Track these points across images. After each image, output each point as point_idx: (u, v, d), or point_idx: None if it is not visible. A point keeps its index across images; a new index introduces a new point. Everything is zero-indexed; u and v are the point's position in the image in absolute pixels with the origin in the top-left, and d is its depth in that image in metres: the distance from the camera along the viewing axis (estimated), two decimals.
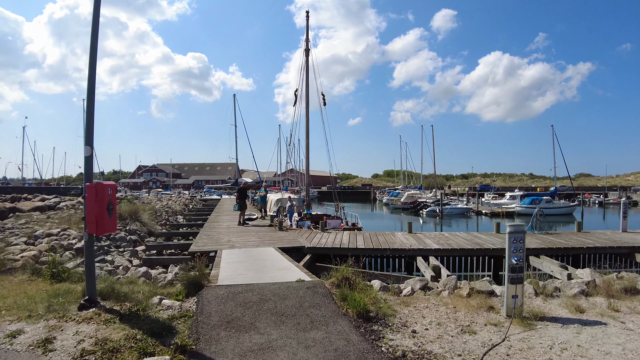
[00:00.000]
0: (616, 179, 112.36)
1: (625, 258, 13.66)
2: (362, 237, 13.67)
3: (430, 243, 12.79)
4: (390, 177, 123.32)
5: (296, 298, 5.50)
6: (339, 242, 12.58)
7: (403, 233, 15.07)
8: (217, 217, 22.15)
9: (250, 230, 15.48)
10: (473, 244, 12.79)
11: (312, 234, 14.28)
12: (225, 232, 14.79)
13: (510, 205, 45.49)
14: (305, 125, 20.62)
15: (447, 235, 14.85)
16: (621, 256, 13.56)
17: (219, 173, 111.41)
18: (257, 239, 13.14)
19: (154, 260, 12.31)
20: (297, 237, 13.42)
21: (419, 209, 45.63)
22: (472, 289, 6.53)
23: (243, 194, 17.41)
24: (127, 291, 6.19)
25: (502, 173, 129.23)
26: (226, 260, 9.07)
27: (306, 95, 20.80)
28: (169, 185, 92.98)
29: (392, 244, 12.54)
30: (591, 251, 13.00)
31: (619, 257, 13.79)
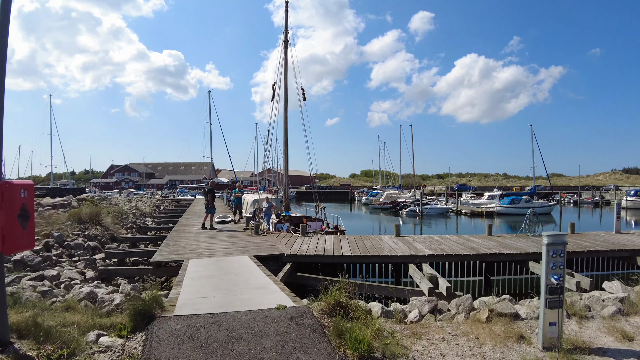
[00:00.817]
0: (587, 178, 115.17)
1: (625, 261, 12.89)
2: (347, 242, 12.41)
3: (422, 248, 11.64)
4: (368, 177, 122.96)
5: (277, 335, 4.14)
6: (322, 248, 11.27)
7: (390, 237, 13.89)
8: (188, 219, 20.52)
9: (223, 235, 14.00)
10: (467, 249, 11.72)
11: (291, 239, 12.93)
12: (195, 238, 13.27)
13: (489, 205, 45.16)
14: (284, 120, 19.27)
15: (438, 238, 13.75)
16: (622, 259, 12.77)
17: (194, 173, 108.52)
18: (231, 245, 11.69)
19: (112, 271, 10.77)
20: (276, 243, 12.04)
21: (399, 209, 44.80)
22: (492, 312, 5.33)
23: (212, 194, 15.86)
24: (56, 324, 4.72)
25: (477, 173, 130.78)
26: (192, 274, 7.63)
27: (285, 89, 19.46)
28: (142, 185, 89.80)
29: (380, 249, 11.32)
30: (592, 255, 12.14)
31: (619, 260, 13.02)
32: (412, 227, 34.74)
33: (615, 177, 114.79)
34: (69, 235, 13.66)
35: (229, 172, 64.78)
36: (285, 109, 19.18)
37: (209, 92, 54.77)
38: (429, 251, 11.21)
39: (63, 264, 10.60)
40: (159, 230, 20.14)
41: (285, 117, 19.20)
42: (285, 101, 19.25)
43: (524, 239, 13.87)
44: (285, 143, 19.60)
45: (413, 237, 14.23)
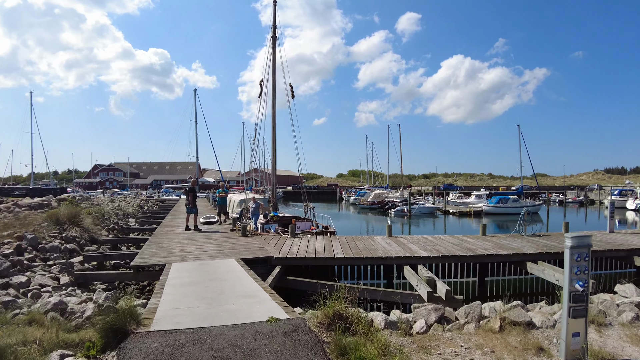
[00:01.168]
0: (570, 178, 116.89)
1: (622, 261, 12.65)
2: (339, 243, 11.89)
3: (417, 249, 11.19)
4: (356, 177, 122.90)
5: (270, 355, 3.57)
6: (314, 250, 10.73)
7: (383, 237, 13.42)
8: (172, 220, 19.78)
9: (208, 236, 13.35)
10: (464, 250, 11.31)
11: (280, 240, 12.35)
12: (179, 239, 12.61)
13: (477, 205, 45.15)
14: (272, 117, 18.68)
15: (432, 239, 13.33)
16: (619, 259, 12.53)
17: (179, 172, 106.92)
18: (216, 247, 11.06)
19: (90, 276, 10.08)
20: (264, 245, 11.45)
21: (387, 209, 44.50)
22: (504, 320, 4.86)
23: (194, 194, 15.14)
24: (14, 343, 4.10)
25: (463, 173, 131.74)
26: (174, 280, 7.02)
27: (273, 85, 18.88)
28: (127, 185, 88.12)
29: (374, 251, 10.83)
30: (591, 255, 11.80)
31: (616, 260, 12.78)
32: (401, 227, 34.45)
33: (597, 177, 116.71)
34: (44, 238, 12.88)
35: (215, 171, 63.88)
36: (273, 106, 18.63)
37: (194, 90, 53.82)
38: (424, 252, 10.75)
39: (35, 269, 9.86)
40: (142, 231, 19.39)
41: (273, 114, 18.64)
42: (273, 98, 18.68)
43: (519, 239, 13.53)
44: (273, 141, 19.04)
45: (406, 237, 13.78)
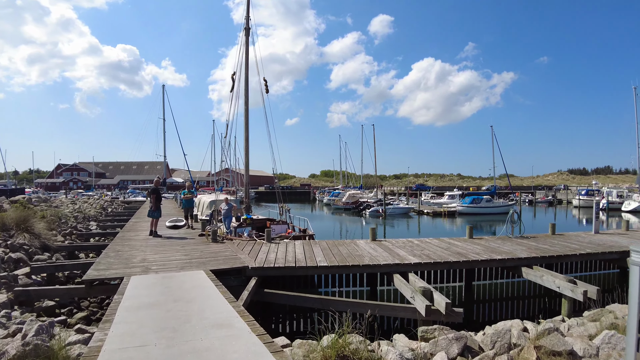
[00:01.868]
0: (537, 179, 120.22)
1: (614, 264, 12.22)
2: (320, 249, 10.86)
3: (406, 255, 10.31)
4: (328, 177, 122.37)
5: None
6: (293, 258, 9.64)
7: (367, 242, 12.49)
8: (136, 224, 18.24)
9: (174, 243, 12.03)
10: (455, 254, 10.53)
11: (255, 247, 11.20)
12: (142, 247, 11.26)
13: (450, 205, 45.12)
14: (245, 113, 17.43)
15: (418, 242, 12.52)
16: (610, 262, 12.08)
17: (147, 172, 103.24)
18: (183, 256, 9.80)
19: (34, 292, 8.66)
20: (237, 252, 10.27)
21: (362, 210, 43.84)
22: (540, 350, 3.95)
23: (157, 195, 13.74)
24: None
25: (433, 174, 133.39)
26: (130, 300, 5.80)
27: (245, 78, 17.64)
28: (92, 186, 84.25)
29: (360, 258, 9.85)
30: (583, 258, 11.30)
31: (608, 262, 12.33)
32: (381, 228, 33.87)
33: (562, 178, 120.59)
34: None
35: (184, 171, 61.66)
36: (246, 100, 17.37)
37: (162, 86, 51.47)
38: (415, 259, 9.86)
39: None
40: (103, 236, 17.76)
41: (245, 110, 17.41)
42: (245, 91, 17.43)
43: (507, 242, 12.92)
44: (246, 138, 17.79)
45: (390, 241, 12.89)
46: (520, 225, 14.46)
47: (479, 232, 34.51)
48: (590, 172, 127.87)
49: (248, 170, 18.06)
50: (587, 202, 51.65)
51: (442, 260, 9.90)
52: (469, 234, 13.74)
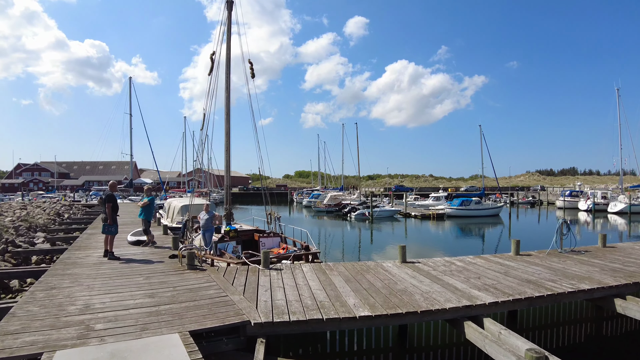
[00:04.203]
0: (509, 179, 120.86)
1: None
2: (343, 281, 7.70)
3: (465, 287, 7.37)
4: (303, 178, 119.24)
5: None
6: (312, 300, 6.42)
7: (395, 263, 9.44)
8: (90, 237, 14.50)
9: (135, 270, 8.54)
10: (526, 283, 7.72)
11: (250, 277, 7.89)
12: (89, 278, 7.77)
13: (438, 207, 42.79)
14: (225, 95, 14.01)
15: (461, 264, 9.58)
16: None
17: (114, 173, 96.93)
18: (147, 298, 6.41)
19: None
20: (226, 288, 6.95)
21: (347, 212, 40.85)
22: None
23: (114, 205, 10.27)
24: None
25: (407, 174, 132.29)
26: None
27: (227, 55, 14.23)
28: (54, 187, 77.98)
29: (408, 296, 6.77)
30: None
31: None
32: (358, 232, 31.06)
33: (534, 178, 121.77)
34: None
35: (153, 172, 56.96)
36: (227, 78, 13.94)
37: (129, 78, 46.89)
38: (489, 296, 6.83)
39: None
40: (50, 253, 13.87)
41: (226, 92, 13.98)
42: (227, 69, 14.03)
43: (567, 259, 10.25)
44: (227, 130, 14.37)
45: (424, 262, 9.84)
46: (570, 237, 11.74)
47: (467, 236, 32.47)
48: (556, 173, 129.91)
49: (229, 168, 14.64)
50: (571, 204, 50.60)
51: (521, 296, 6.93)
52: (515, 250, 10.91)
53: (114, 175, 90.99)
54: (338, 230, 32.89)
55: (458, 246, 25.26)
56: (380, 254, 20.95)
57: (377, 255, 20.59)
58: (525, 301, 6.94)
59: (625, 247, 12.33)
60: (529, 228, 37.04)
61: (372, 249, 22.55)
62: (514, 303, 6.82)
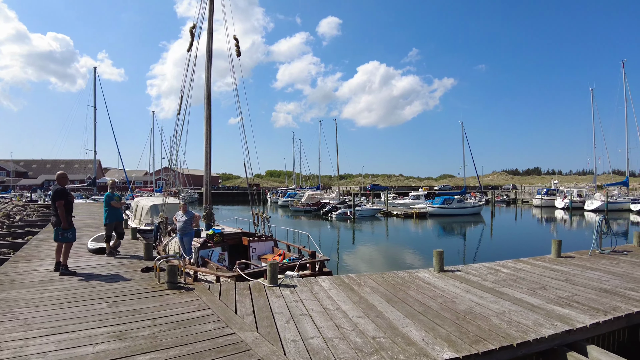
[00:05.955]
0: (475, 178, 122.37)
1: None
2: (385, 301, 5.79)
3: (538, 301, 5.57)
4: (275, 178, 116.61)
5: None
6: (360, 336, 4.46)
7: (432, 273, 7.62)
8: (40, 244, 11.88)
9: (95, 293, 6.24)
10: (604, 294, 6.01)
11: (257, 298, 5.82)
12: (28, 307, 5.47)
13: (419, 206, 41.64)
14: (206, 68, 11.85)
15: (510, 272, 7.88)
16: None
17: (77, 171, 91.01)
18: (112, 343, 4.25)
19: None
20: (230, 321, 4.87)
21: (327, 212, 39.00)
22: None
23: (66, 203, 7.85)
24: None
25: (380, 174, 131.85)
26: None
27: (209, 24, 12.08)
28: (9, 186, 72.28)
29: (483, 319, 4.96)
30: None
31: None
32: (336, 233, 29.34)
33: (502, 178, 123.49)
34: None
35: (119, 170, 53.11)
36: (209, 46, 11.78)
37: (94, 68, 43.14)
38: (582, 315, 5.12)
39: None
40: None
41: (207, 65, 11.82)
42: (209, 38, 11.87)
43: (611, 260, 8.84)
44: (207, 114, 12.18)
45: (466, 271, 8.03)
46: (612, 236, 10.30)
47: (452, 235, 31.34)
48: (522, 172, 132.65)
49: (210, 161, 12.44)
50: (548, 202, 50.75)
51: (618, 312, 5.29)
52: (556, 252, 9.33)
53: (77, 174, 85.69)
54: (319, 230, 30.92)
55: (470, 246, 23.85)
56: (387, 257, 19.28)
57: (383, 259, 18.86)
58: (624, 319, 5.29)
59: None
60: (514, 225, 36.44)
61: (371, 252, 20.70)
62: (614, 322, 5.15)
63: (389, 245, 23.51)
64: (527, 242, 25.31)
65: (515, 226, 36.30)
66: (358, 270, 15.02)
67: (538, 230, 33.17)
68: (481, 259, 14.66)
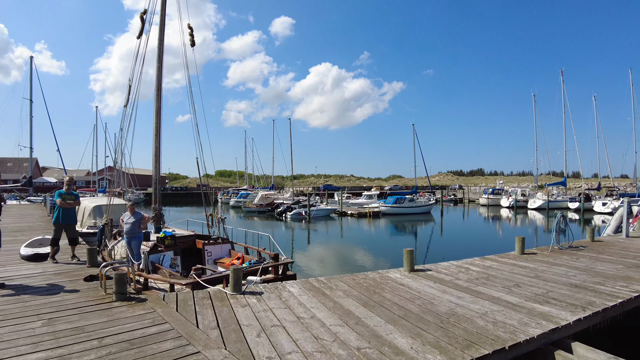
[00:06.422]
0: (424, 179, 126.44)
1: None
2: (361, 306, 5.38)
3: (520, 301, 5.46)
4: (225, 178, 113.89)
5: None
6: (343, 347, 3.99)
7: (403, 272, 7.31)
8: None
9: (28, 309, 5.29)
10: (574, 289, 5.99)
11: (221, 310, 5.19)
12: None
13: (372, 205, 42.05)
14: (158, 54, 10.95)
15: (480, 269, 7.78)
16: None
17: (10, 170, 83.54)
18: None
19: None
20: (192, 337, 4.23)
21: (282, 212, 38.35)
22: None
23: None
24: None
25: (331, 174, 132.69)
26: None
27: (162, 6, 11.18)
28: None
29: (467, 321, 4.68)
30: None
31: None
32: (290, 233, 28.94)
33: (448, 178, 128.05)
34: None
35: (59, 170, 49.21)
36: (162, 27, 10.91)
37: (30, 57, 39.48)
38: (564, 312, 5.01)
39: None
40: None
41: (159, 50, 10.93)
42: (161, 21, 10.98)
43: (572, 256, 9.07)
44: (157, 105, 11.26)
45: (435, 269, 7.83)
46: (567, 232, 10.58)
47: (402, 234, 31.87)
48: (466, 173, 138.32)
49: (159, 154, 11.49)
50: (494, 201, 53.04)
51: (595, 307, 5.26)
52: (520, 249, 9.40)
53: (11, 174, 78.90)
54: (272, 230, 30.24)
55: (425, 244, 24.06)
56: (348, 256, 18.98)
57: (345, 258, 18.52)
58: (601, 314, 5.24)
59: (612, 241, 11.54)
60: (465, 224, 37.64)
61: (331, 252, 20.32)
62: (592, 317, 5.07)
63: (347, 244, 23.33)
64: (483, 240, 26.09)
65: (466, 224, 37.51)
66: (322, 271, 14.60)
67: (488, 227, 34.46)
68: (440, 257, 14.71)
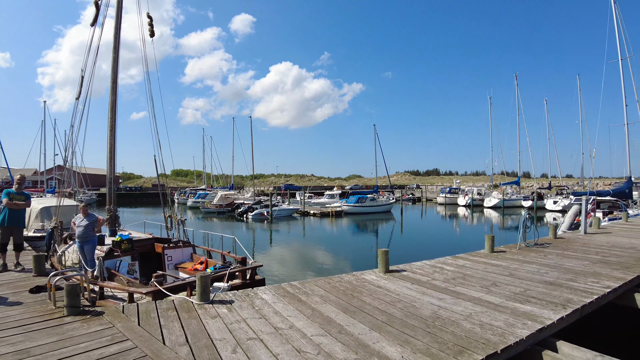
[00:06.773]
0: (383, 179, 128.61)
1: None
2: (342, 312, 5.07)
3: (502, 301, 5.38)
4: (182, 177, 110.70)
5: None
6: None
7: (378, 274, 7.08)
8: None
9: None
10: (551, 287, 6.03)
11: (189, 323, 4.68)
12: None
13: (334, 205, 42.07)
14: (114, 41, 10.17)
15: (454, 269, 7.71)
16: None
17: None
18: None
19: None
20: (159, 356, 3.77)
21: (243, 212, 37.50)
22: None
23: None
24: None
25: (292, 174, 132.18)
26: None
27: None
28: None
29: (452, 324, 4.50)
30: None
31: None
32: (251, 233, 28.36)
33: (406, 178, 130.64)
34: None
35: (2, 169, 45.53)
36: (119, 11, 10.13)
37: None
38: (547, 310, 4.95)
39: None
40: None
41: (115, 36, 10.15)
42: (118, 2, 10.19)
43: (540, 253, 9.28)
44: (113, 100, 10.47)
45: (409, 269, 7.65)
46: (533, 230, 10.80)
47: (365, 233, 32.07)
48: (422, 173, 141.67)
49: (114, 153, 10.69)
50: (451, 200, 54.56)
51: (574, 305, 5.24)
52: (490, 247, 9.44)
53: None
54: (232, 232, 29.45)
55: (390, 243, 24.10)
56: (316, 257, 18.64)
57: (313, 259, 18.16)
58: (579, 310, 5.23)
59: (573, 238, 11.91)
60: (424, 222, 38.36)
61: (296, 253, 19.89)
62: (572, 315, 5.04)
63: (312, 245, 23.02)
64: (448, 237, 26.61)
65: (426, 222, 38.25)
66: (290, 273, 14.20)
67: (449, 225, 35.31)
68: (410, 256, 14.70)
